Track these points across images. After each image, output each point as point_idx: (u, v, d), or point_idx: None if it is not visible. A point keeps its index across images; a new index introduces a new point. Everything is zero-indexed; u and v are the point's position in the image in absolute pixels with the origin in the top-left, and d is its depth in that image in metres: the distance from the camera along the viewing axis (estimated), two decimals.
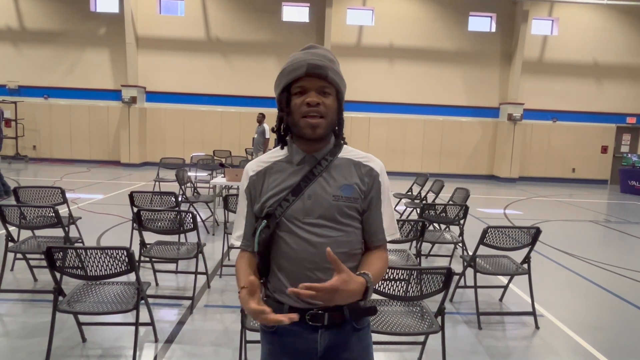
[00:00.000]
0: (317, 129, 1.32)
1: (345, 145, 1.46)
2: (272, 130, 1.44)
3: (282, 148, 1.45)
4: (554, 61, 14.25)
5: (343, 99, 1.41)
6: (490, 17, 14.28)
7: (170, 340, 3.22)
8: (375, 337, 1.64)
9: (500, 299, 4.27)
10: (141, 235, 3.88)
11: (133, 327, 2.84)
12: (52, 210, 3.89)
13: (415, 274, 2.58)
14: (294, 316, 1.18)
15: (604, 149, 14.70)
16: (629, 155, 13.37)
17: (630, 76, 14.41)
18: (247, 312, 1.26)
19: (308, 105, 1.31)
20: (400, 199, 7.55)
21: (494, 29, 14.19)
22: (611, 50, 14.25)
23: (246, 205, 1.48)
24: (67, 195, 4.80)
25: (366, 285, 1.26)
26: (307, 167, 1.38)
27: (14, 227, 4.05)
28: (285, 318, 1.18)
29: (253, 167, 1.47)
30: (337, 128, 1.42)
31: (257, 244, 1.37)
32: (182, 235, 4.75)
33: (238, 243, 1.49)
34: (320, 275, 1.34)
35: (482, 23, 14.36)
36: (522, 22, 13.52)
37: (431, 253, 5.49)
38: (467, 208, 4.97)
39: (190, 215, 3.86)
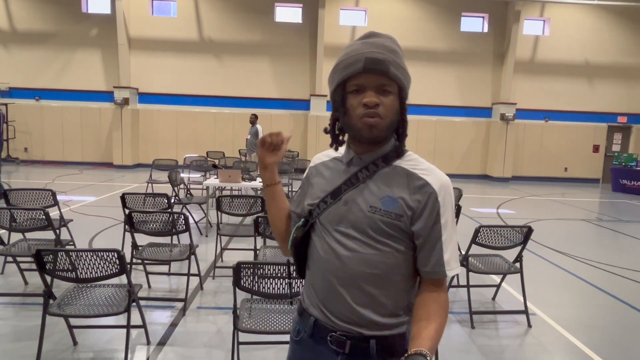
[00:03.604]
0: (374, 130, 1.15)
1: (409, 152, 1.26)
2: (325, 130, 1.28)
3: (335, 150, 1.31)
4: (546, 61, 14.35)
5: (407, 96, 1.21)
6: (483, 17, 14.35)
7: (162, 343, 3.20)
8: None
9: (493, 298, 4.28)
10: (133, 237, 3.85)
11: (125, 330, 2.82)
12: (42, 213, 3.86)
13: None
14: (288, 135, 1.32)
15: (596, 148, 14.82)
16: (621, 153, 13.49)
17: (621, 76, 14.54)
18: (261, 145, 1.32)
19: (365, 107, 1.14)
20: None
21: (486, 29, 14.26)
22: (602, 50, 14.37)
23: (300, 187, 1.41)
24: (59, 197, 4.77)
25: None
26: (353, 169, 1.24)
27: (4, 230, 4.02)
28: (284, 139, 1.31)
29: (317, 159, 1.39)
30: (400, 130, 1.23)
31: (290, 243, 1.31)
32: (175, 237, 4.72)
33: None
34: (342, 292, 1.21)
35: (474, 23, 14.42)
36: (514, 22, 13.60)
37: None
38: (460, 207, 4.98)
39: (183, 217, 3.84)
